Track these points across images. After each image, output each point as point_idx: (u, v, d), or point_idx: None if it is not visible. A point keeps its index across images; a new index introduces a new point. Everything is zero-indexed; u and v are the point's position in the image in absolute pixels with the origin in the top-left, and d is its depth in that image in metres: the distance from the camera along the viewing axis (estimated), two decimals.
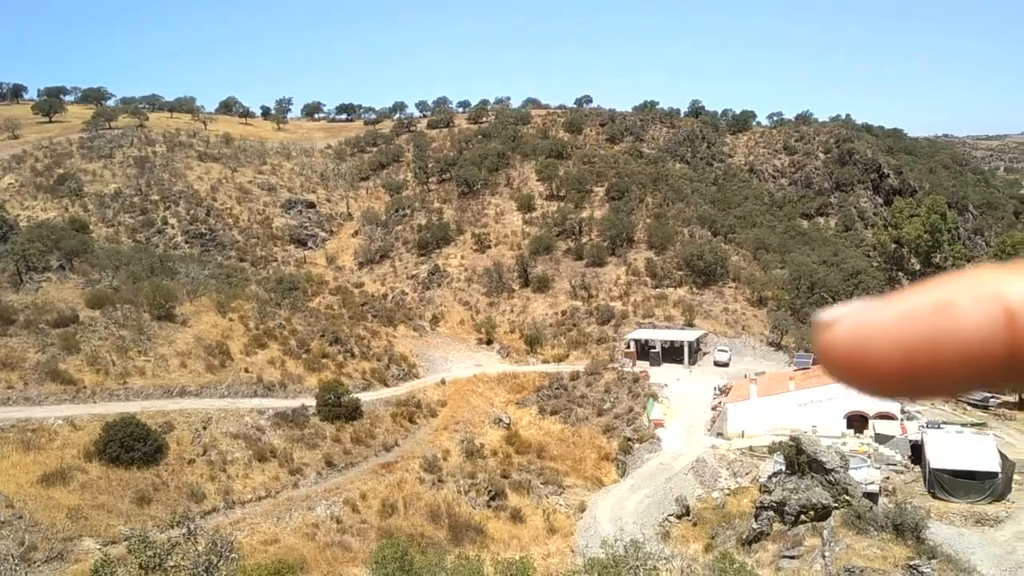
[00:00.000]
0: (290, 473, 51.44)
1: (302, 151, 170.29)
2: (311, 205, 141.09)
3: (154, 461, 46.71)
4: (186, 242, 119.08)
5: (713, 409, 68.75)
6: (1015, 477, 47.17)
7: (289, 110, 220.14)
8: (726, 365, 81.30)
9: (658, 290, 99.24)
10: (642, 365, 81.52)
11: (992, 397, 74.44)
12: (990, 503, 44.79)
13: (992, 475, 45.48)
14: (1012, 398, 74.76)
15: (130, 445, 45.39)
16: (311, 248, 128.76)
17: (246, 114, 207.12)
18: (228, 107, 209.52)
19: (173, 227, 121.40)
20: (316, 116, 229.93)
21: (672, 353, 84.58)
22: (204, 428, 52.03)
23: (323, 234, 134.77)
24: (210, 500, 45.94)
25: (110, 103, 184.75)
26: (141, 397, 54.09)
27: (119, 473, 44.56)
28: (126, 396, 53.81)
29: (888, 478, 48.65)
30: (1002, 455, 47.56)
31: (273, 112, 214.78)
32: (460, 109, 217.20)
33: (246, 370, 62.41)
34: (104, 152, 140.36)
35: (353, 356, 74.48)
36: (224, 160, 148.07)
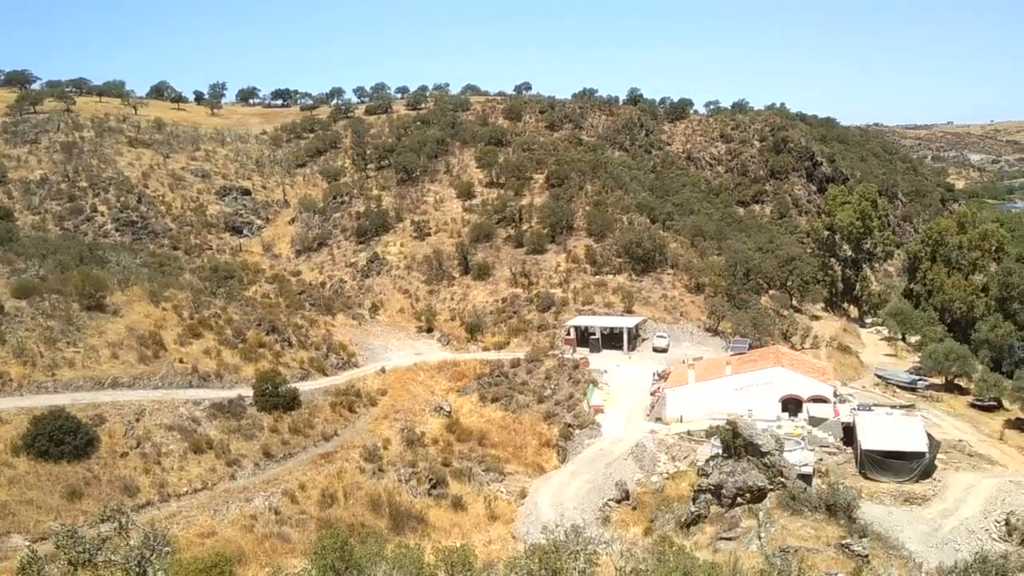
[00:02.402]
0: (227, 465, 50.69)
1: (237, 137, 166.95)
2: (246, 192, 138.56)
3: (85, 455, 45.64)
4: (116, 230, 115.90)
5: (652, 394, 69.55)
6: (939, 456, 48.79)
7: (223, 95, 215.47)
8: (665, 351, 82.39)
9: (598, 277, 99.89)
10: (582, 352, 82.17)
11: (920, 379, 76.83)
12: (916, 482, 46.23)
13: (920, 455, 46.94)
14: (939, 380, 77.22)
15: (59, 439, 44.30)
16: (247, 236, 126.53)
17: (178, 99, 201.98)
18: (160, 92, 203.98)
19: (103, 215, 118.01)
20: (251, 101, 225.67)
21: (612, 339, 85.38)
22: (137, 420, 50.94)
23: (259, 222, 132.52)
24: (144, 493, 45.08)
25: (35, 87, 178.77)
26: (71, 389, 52.76)
27: (48, 467, 43.49)
28: (55, 388, 52.48)
29: (821, 460, 49.84)
30: (929, 435, 49.12)
31: (206, 97, 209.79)
32: (399, 95, 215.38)
33: (181, 360, 61.16)
34: (29, 137, 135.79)
35: (291, 345, 73.54)
36: (156, 146, 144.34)
